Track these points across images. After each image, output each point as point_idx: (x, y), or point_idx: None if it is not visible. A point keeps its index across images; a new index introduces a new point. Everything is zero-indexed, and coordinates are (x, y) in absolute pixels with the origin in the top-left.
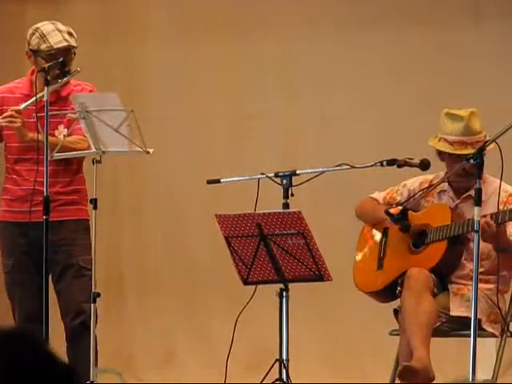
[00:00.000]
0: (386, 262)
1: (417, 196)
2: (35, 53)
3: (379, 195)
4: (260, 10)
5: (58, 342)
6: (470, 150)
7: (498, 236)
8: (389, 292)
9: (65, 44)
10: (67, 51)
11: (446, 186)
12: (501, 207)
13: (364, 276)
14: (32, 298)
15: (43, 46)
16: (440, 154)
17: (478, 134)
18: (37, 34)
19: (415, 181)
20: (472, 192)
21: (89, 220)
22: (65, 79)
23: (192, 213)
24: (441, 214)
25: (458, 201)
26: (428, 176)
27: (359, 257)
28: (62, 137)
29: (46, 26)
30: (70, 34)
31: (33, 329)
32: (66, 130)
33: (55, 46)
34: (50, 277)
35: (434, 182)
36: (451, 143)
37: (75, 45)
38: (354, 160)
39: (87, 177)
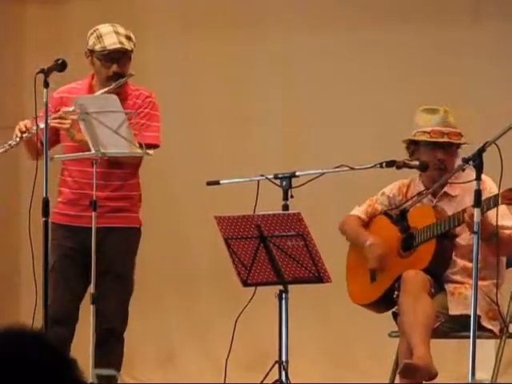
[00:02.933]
0: (378, 274)
1: (415, 199)
2: (91, 52)
3: (360, 210)
4: (260, 10)
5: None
6: (446, 139)
7: (482, 225)
8: (386, 300)
9: (118, 46)
10: (121, 54)
11: (422, 187)
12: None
13: (359, 291)
14: (64, 301)
15: (97, 47)
16: (413, 150)
17: (454, 127)
18: (95, 34)
19: (393, 187)
20: (446, 188)
21: (138, 227)
22: (116, 83)
23: (191, 214)
24: (425, 214)
25: (435, 200)
26: (404, 180)
27: (351, 273)
28: None
29: (105, 28)
30: (129, 38)
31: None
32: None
33: (108, 48)
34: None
35: (412, 184)
36: (428, 132)
37: (130, 48)
38: (354, 161)
39: None
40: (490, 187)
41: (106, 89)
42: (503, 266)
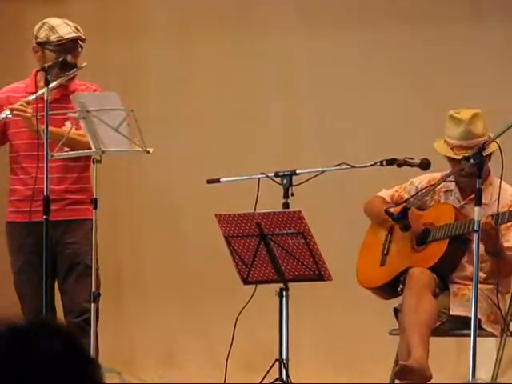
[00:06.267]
0: (388, 259)
1: (419, 194)
2: (43, 45)
3: (386, 193)
4: (259, 10)
5: None
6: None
7: (485, 237)
8: (390, 288)
9: (74, 35)
10: (75, 44)
11: (452, 186)
12: (505, 210)
13: (367, 272)
14: (37, 303)
15: (53, 37)
16: (446, 156)
17: (479, 136)
18: (45, 26)
19: (423, 178)
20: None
21: (91, 219)
22: (71, 72)
23: (192, 212)
24: (445, 213)
25: (463, 202)
26: (436, 174)
27: (364, 253)
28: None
29: (54, 20)
30: (78, 29)
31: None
32: (73, 125)
33: (65, 36)
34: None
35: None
36: (452, 148)
37: (84, 38)
38: (354, 160)
39: None
40: None
41: (59, 80)
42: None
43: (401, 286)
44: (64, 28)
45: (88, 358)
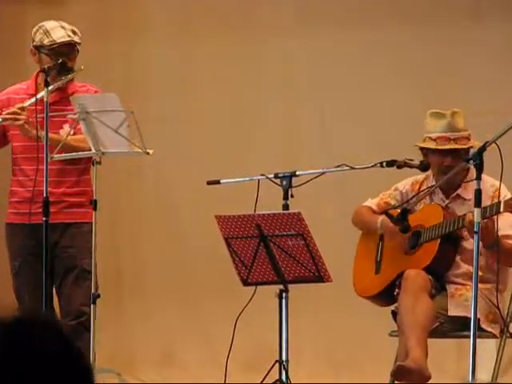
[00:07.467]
0: (383, 266)
1: (420, 195)
2: (39, 49)
3: (372, 202)
4: (259, 10)
5: None
6: (452, 145)
7: (488, 231)
8: (388, 295)
9: (67, 39)
10: (70, 48)
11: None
12: (489, 202)
13: (363, 281)
14: (40, 299)
15: (46, 41)
16: (425, 153)
17: (462, 131)
18: (41, 30)
19: (406, 183)
20: (459, 191)
21: (91, 222)
22: (69, 76)
23: (192, 214)
24: (434, 213)
25: (447, 201)
26: (418, 177)
27: (358, 263)
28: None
29: (50, 23)
30: (74, 32)
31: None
32: (71, 129)
33: (58, 41)
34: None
35: (425, 182)
36: (434, 139)
37: (78, 41)
38: (354, 161)
39: None
40: (504, 195)
41: (56, 83)
42: (509, 273)
43: (397, 289)
44: (58, 32)
45: (83, 356)
